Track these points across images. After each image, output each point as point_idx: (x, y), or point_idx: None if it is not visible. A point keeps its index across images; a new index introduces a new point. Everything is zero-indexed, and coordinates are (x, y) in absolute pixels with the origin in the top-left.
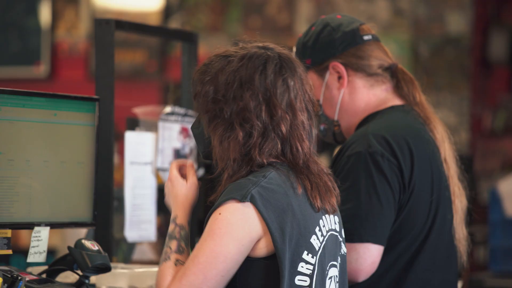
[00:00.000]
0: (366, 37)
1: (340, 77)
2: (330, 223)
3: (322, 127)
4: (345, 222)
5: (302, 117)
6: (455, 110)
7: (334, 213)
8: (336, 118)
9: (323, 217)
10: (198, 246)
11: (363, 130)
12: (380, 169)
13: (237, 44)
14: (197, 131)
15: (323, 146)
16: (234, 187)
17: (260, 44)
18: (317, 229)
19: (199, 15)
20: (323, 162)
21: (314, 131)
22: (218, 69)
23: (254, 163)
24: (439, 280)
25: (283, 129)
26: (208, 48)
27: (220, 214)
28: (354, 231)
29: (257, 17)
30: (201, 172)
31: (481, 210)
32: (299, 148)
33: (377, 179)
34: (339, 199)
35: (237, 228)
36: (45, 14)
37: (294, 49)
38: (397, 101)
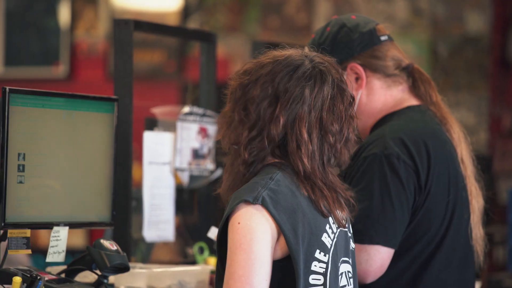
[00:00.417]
0: (382, 38)
1: (357, 78)
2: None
3: None
4: (356, 223)
5: (307, 135)
6: (474, 110)
7: (341, 225)
8: None
9: (332, 214)
10: (229, 262)
11: (379, 131)
12: (395, 172)
13: (302, 47)
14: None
15: None
16: (243, 189)
17: (309, 53)
18: (327, 226)
19: (217, 15)
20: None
21: (332, 158)
22: (259, 59)
23: (241, 160)
24: (456, 280)
25: (275, 134)
26: (227, 48)
27: (239, 223)
28: (365, 232)
29: (275, 17)
30: (218, 172)
31: (500, 210)
32: (297, 161)
33: (391, 181)
34: (352, 214)
35: (260, 231)
36: (64, 14)
37: (306, 49)
38: (413, 101)
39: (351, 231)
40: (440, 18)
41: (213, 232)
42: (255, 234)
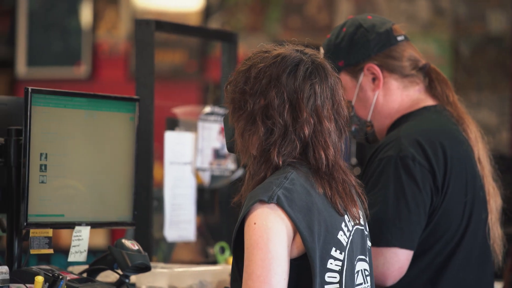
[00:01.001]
0: (399, 38)
1: (374, 79)
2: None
3: (353, 128)
4: (372, 226)
5: (329, 125)
6: (496, 110)
7: (356, 222)
8: (369, 119)
9: (347, 212)
10: (247, 262)
11: (395, 133)
12: (410, 174)
13: (282, 44)
14: (226, 122)
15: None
16: (258, 189)
17: (299, 48)
18: (343, 224)
19: (238, 15)
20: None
21: (342, 144)
22: (253, 63)
23: (271, 164)
24: (474, 280)
25: (306, 132)
26: (248, 48)
27: (255, 223)
28: (381, 235)
29: (296, 17)
30: (239, 172)
31: None
32: (322, 154)
33: (406, 183)
34: (367, 212)
35: (276, 230)
36: (86, 15)
37: (322, 50)
38: (429, 102)
39: (368, 230)
40: (462, 17)
41: None
42: (271, 233)
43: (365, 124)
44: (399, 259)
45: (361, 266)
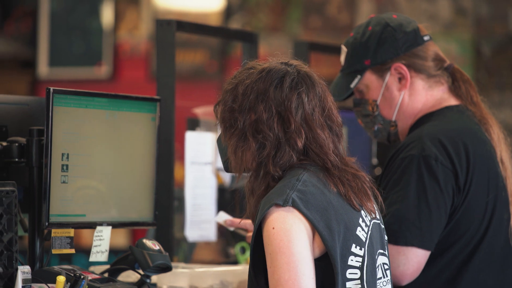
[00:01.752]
0: (425, 38)
1: (400, 78)
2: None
3: (376, 127)
4: (392, 223)
5: (321, 132)
6: None
7: (373, 217)
8: (394, 118)
9: (363, 207)
10: (272, 269)
11: (418, 132)
12: (432, 173)
13: (266, 59)
14: (219, 142)
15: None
16: (271, 194)
17: (284, 60)
18: (360, 220)
19: (259, 15)
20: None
21: (342, 146)
22: (239, 80)
23: (270, 176)
24: (496, 280)
25: (299, 143)
26: (268, 48)
27: (274, 228)
28: (400, 234)
29: (317, 17)
30: None
31: None
32: (323, 158)
33: (428, 183)
34: (381, 206)
35: (296, 232)
36: (107, 15)
37: (345, 48)
38: (452, 101)
39: (383, 224)
40: (484, 17)
41: (220, 217)
42: (292, 235)
43: (389, 124)
44: (418, 260)
45: (381, 260)
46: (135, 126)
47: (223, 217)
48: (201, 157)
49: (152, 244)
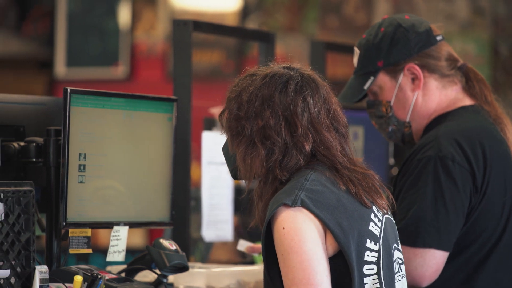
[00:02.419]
0: (438, 38)
1: (414, 79)
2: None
3: (391, 128)
4: (409, 225)
5: (328, 134)
6: None
7: (384, 212)
8: (408, 119)
9: (374, 203)
10: (285, 269)
11: (434, 133)
12: (449, 174)
13: (267, 65)
14: (225, 151)
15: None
16: (280, 194)
17: (285, 65)
18: (372, 215)
19: (276, 15)
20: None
21: (350, 147)
22: (243, 88)
23: (278, 181)
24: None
25: (306, 146)
26: (285, 48)
27: (284, 228)
28: (418, 235)
29: (334, 16)
30: None
31: None
32: (330, 157)
33: (445, 184)
34: (393, 203)
35: (306, 231)
36: (124, 15)
37: (357, 50)
38: (467, 101)
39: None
40: (501, 16)
41: (242, 245)
42: (302, 234)
43: (403, 125)
44: (437, 261)
45: (396, 255)
46: (152, 126)
47: (244, 244)
48: (218, 157)
49: (169, 244)
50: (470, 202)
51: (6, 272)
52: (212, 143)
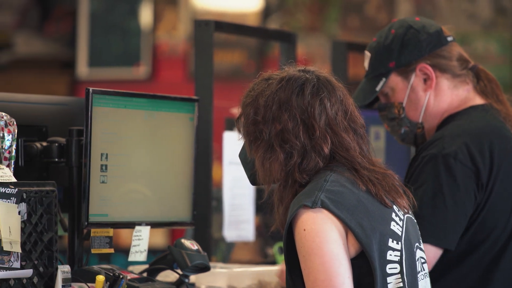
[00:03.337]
0: (449, 38)
1: (425, 79)
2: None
3: (403, 130)
4: None
5: (346, 135)
6: None
7: (405, 211)
8: (420, 120)
9: (395, 203)
10: (307, 271)
11: (440, 132)
12: (449, 172)
13: (282, 68)
14: (243, 156)
15: None
16: (300, 195)
17: (301, 68)
18: (393, 215)
19: (297, 15)
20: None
21: (368, 147)
22: (258, 92)
23: (297, 184)
24: None
25: (325, 148)
26: (307, 48)
27: (304, 230)
28: None
29: (355, 16)
30: None
31: None
32: (350, 159)
33: (445, 181)
34: (413, 202)
35: (327, 232)
36: (145, 16)
37: (368, 53)
38: (477, 101)
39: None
40: None
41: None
42: (323, 235)
43: (416, 126)
44: (428, 256)
45: (419, 254)
46: (173, 126)
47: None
48: None
49: (190, 244)
50: (475, 200)
51: (28, 272)
52: (234, 143)
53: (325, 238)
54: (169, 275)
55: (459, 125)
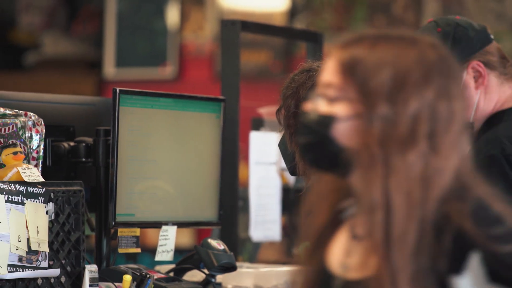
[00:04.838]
0: (491, 36)
1: (476, 77)
2: None
3: None
4: None
5: None
6: None
7: None
8: (471, 119)
9: None
10: None
11: (493, 133)
12: None
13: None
14: (282, 147)
15: None
16: None
17: None
18: None
19: (324, 15)
20: None
21: None
22: (299, 84)
23: None
24: None
25: None
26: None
27: None
28: None
29: (382, 16)
30: None
31: None
32: None
33: None
34: None
35: None
36: (172, 16)
37: None
38: None
39: None
40: None
41: None
42: None
43: (467, 126)
44: None
45: None
46: (200, 126)
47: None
48: (266, 157)
49: (217, 244)
50: None
51: (56, 271)
52: (260, 143)
53: None
54: (195, 275)
55: (511, 125)
